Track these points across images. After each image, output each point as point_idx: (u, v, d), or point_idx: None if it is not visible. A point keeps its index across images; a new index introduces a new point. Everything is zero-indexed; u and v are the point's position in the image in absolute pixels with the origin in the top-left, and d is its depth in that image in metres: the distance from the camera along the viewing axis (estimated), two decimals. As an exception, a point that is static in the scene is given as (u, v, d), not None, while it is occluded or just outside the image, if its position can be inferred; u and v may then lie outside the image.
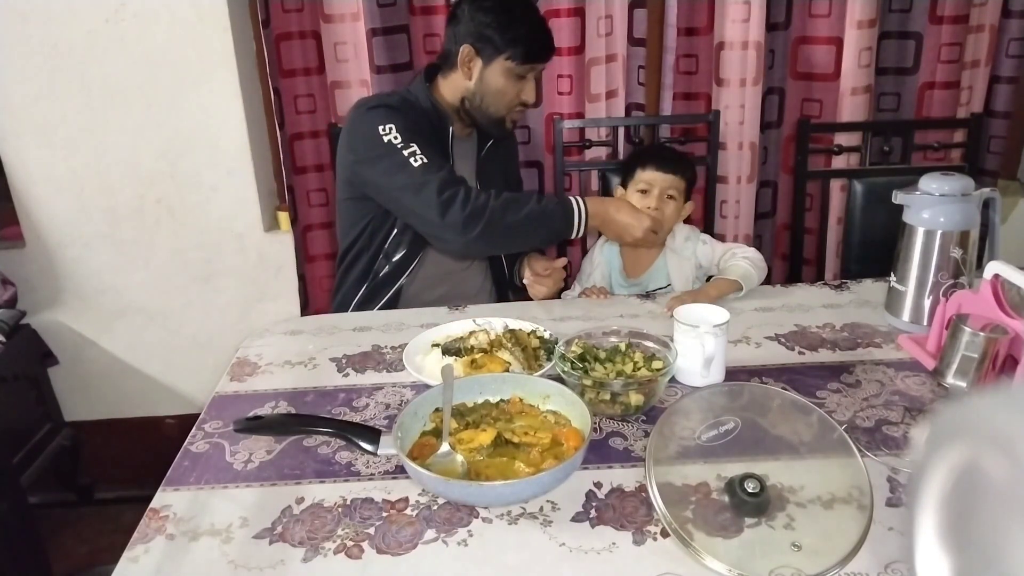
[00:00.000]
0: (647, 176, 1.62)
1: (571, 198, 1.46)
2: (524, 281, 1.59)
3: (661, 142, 2.04)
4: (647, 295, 1.55)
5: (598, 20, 2.03)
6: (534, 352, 1.24)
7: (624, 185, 1.70)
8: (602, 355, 1.15)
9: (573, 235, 1.45)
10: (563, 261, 1.55)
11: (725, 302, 1.38)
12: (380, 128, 1.45)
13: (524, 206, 1.41)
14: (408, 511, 0.91)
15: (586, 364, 1.12)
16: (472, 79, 1.53)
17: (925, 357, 1.21)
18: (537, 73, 1.57)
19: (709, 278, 1.64)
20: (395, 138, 1.45)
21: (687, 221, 1.75)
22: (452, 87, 1.57)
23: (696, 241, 1.66)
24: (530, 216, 1.40)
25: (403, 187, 1.43)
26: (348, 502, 0.93)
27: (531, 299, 1.57)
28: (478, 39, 1.50)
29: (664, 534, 0.84)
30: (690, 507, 0.85)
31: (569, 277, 2.16)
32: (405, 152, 1.43)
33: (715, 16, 2.02)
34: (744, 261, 1.50)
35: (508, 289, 1.78)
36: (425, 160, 1.43)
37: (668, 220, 1.62)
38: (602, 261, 1.74)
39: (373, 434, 0.98)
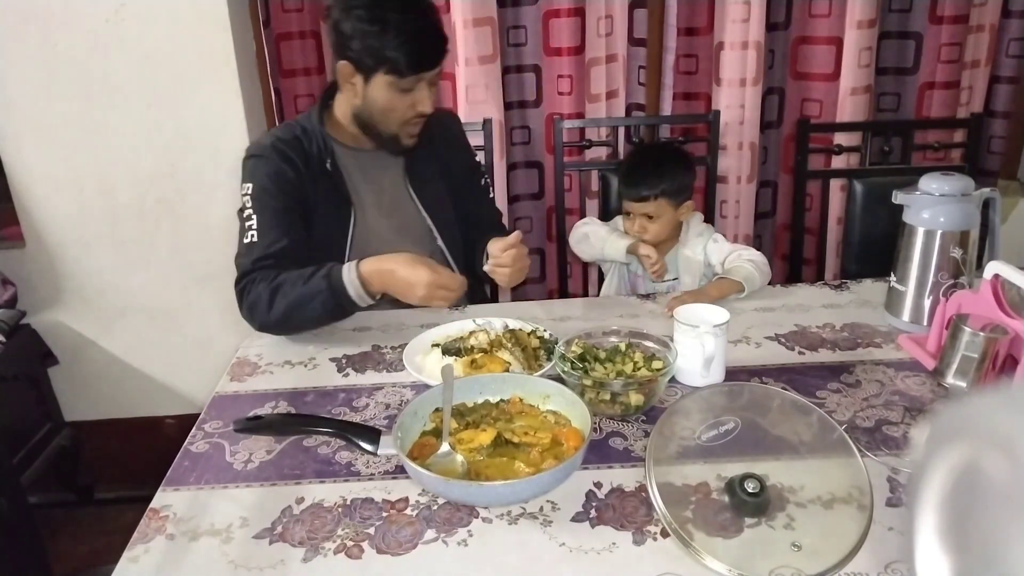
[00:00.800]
0: (625, 203, 1.64)
1: (343, 268, 1.29)
2: (485, 269, 1.42)
3: (645, 148, 1.99)
4: (647, 296, 1.55)
5: (598, 20, 2.03)
6: (534, 352, 1.24)
7: None
8: (602, 355, 1.15)
9: (364, 304, 1.31)
10: (517, 235, 1.37)
11: (726, 303, 1.38)
12: (243, 186, 1.41)
13: (289, 293, 1.29)
14: (408, 511, 0.91)
15: (586, 364, 1.12)
16: (357, 96, 1.39)
17: (925, 357, 1.21)
18: (432, 79, 1.38)
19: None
20: (247, 201, 1.39)
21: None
22: (345, 104, 1.44)
23: (708, 238, 1.65)
24: (295, 303, 1.29)
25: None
26: (348, 502, 0.93)
27: (524, 291, 1.51)
28: (354, 52, 1.33)
29: (664, 534, 0.84)
30: (690, 507, 0.85)
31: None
32: (245, 222, 1.39)
33: (715, 16, 2.02)
34: (749, 264, 1.49)
35: (485, 283, 1.67)
36: (252, 237, 1.37)
37: (656, 235, 1.63)
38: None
39: (373, 434, 0.98)
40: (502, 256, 1.36)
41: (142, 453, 1.85)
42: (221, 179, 1.99)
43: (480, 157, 1.81)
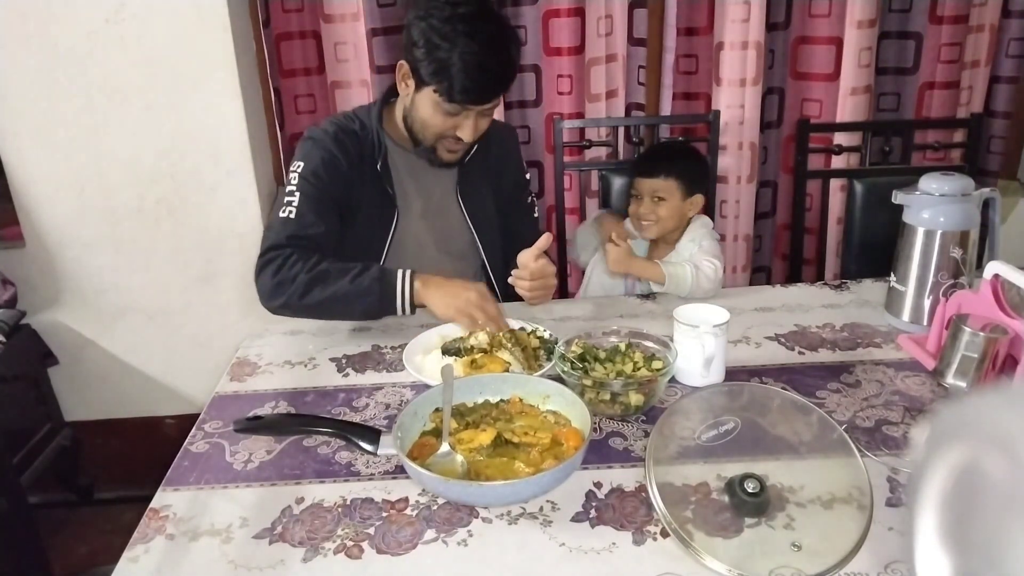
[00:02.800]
0: (637, 183, 1.65)
1: (399, 276, 1.31)
2: (509, 281, 1.41)
3: (664, 141, 2.02)
4: (648, 295, 1.55)
5: (598, 20, 2.03)
6: (534, 352, 1.24)
7: None
8: (602, 355, 1.15)
9: (400, 314, 1.32)
10: (548, 238, 1.34)
11: (727, 303, 1.37)
12: (294, 163, 1.42)
13: (333, 283, 1.29)
14: (408, 511, 0.91)
15: (586, 364, 1.12)
16: (407, 97, 1.38)
17: (925, 357, 1.21)
18: (482, 110, 1.35)
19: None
20: (294, 178, 1.40)
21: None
22: (400, 103, 1.44)
23: (698, 243, 1.63)
24: (336, 296, 1.29)
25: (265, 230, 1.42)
26: (348, 502, 0.93)
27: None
28: (413, 58, 1.31)
29: (664, 534, 0.84)
30: (690, 507, 0.85)
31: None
32: (287, 197, 1.39)
33: (715, 16, 2.02)
34: (689, 267, 1.49)
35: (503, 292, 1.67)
36: (289, 213, 1.37)
37: (664, 220, 1.63)
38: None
39: (373, 434, 0.98)
40: (524, 269, 1.36)
41: (142, 453, 1.85)
42: (221, 179, 1.99)
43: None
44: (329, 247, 1.39)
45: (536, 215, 1.70)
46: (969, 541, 0.48)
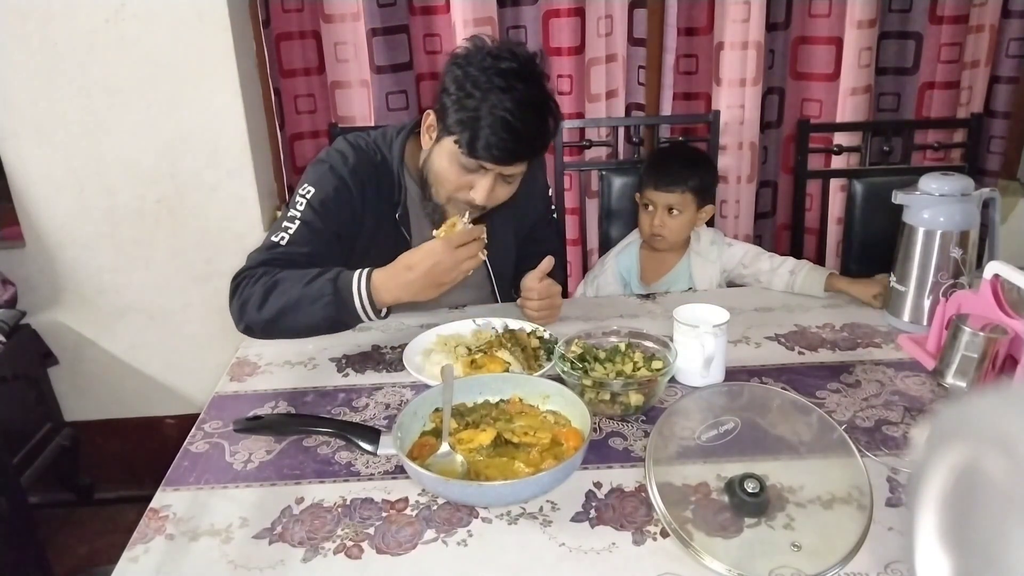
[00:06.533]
0: (649, 195, 1.64)
1: (352, 275, 1.19)
2: (517, 304, 1.40)
3: (674, 145, 2.00)
4: (647, 295, 1.55)
5: (598, 20, 2.03)
6: (534, 352, 1.24)
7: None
8: (602, 355, 1.15)
9: (366, 318, 1.20)
10: (550, 261, 1.32)
11: (726, 303, 1.37)
12: (304, 186, 1.32)
13: (288, 291, 1.20)
14: (408, 511, 0.91)
15: (586, 364, 1.12)
16: (427, 148, 1.31)
17: (925, 357, 1.21)
18: (502, 174, 1.26)
19: (730, 284, 1.67)
20: (299, 202, 1.30)
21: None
22: (421, 153, 1.35)
23: (721, 244, 1.66)
24: (289, 305, 1.19)
25: None
26: (348, 502, 0.93)
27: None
28: (441, 105, 1.25)
29: (664, 534, 0.84)
30: (690, 507, 0.85)
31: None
32: (285, 221, 1.30)
33: (715, 16, 2.02)
34: (790, 261, 1.53)
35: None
36: (281, 239, 1.28)
37: (673, 232, 1.63)
38: (614, 268, 1.75)
39: (373, 434, 0.98)
40: (531, 292, 1.34)
41: (142, 453, 1.85)
42: (221, 179, 1.99)
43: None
44: (313, 267, 1.26)
45: (555, 226, 1.66)
46: (969, 541, 0.48)
